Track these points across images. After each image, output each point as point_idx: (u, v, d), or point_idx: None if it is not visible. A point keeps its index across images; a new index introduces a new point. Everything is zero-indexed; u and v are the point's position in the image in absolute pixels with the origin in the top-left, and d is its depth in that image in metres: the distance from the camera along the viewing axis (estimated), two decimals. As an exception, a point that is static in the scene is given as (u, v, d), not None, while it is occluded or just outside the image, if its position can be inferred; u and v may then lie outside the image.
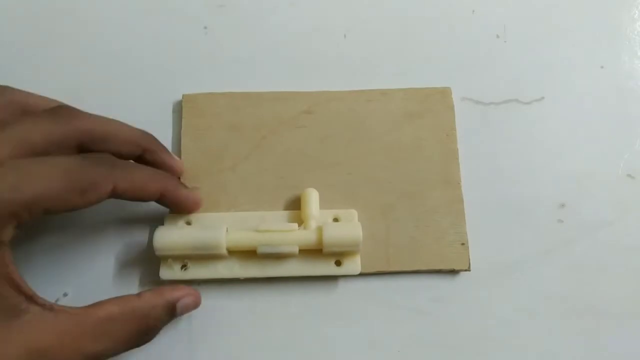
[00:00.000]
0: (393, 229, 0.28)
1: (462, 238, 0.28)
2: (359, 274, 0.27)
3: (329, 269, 0.27)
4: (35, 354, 0.19)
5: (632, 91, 0.32)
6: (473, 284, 0.28)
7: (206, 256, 0.26)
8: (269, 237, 0.26)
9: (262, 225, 0.26)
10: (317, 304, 0.27)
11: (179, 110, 0.30)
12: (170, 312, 0.24)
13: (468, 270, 0.28)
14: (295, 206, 0.28)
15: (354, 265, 0.27)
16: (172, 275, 0.26)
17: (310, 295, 0.27)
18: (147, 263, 0.27)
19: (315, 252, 0.26)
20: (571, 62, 0.32)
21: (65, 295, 0.27)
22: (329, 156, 0.29)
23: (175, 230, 0.26)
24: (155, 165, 0.26)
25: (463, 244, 0.28)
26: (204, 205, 0.28)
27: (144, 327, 0.23)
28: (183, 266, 0.26)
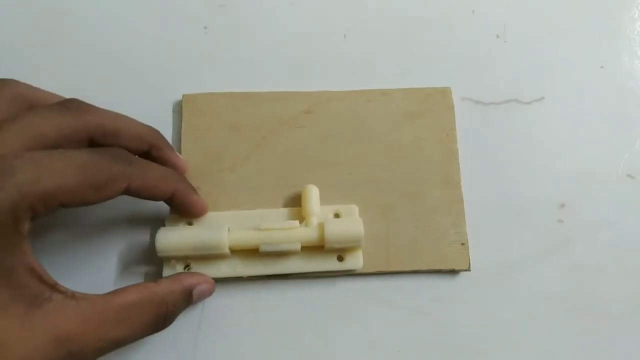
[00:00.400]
0: (393, 229, 0.28)
1: (462, 238, 0.28)
2: (359, 274, 0.27)
3: (331, 264, 0.27)
4: (60, 340, 0.20)
5: (632, 91, 0.32)
6: (473, 284, 0.28)
7: (209, 256, 0.26)
8: (270, 236, 0.26)
9: (263, 223, 0.26)
10: (316, 303, 0.27)
11: (179, 110, 0.30)
12: (187, 298, 0.24)
13: (468, 270, 0.28)
14: (295, 204, 0.28)
15: (356, 260, 0.27)
16: None
17: (311, 294, 0.27)
18: (150, 263, 0.27)
19: (317, 248, 0.26)
20: (571, 62, 0.32)
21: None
22: (329, 156, 0.29)
23: (178, 231, 0.26)
24: (161, 161, 0.26)
25: (463, 244, 0.28)
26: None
27: (163, 312, 0.23)
28: (186, 266, 0.26)
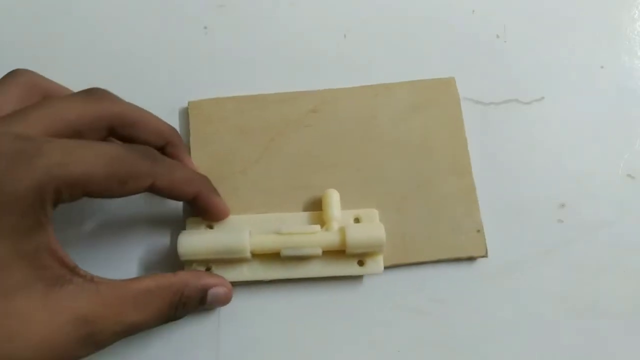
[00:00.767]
0: (408, 221, 0.28)
1: (477, 225, 0.28)
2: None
3: (352, 269, 0.27)
4: (80, 321, 0.20)
5: (632, 91, 0.32)
6: (473, 284, 0.28)
7: (230, 260, 0.26)
8: (292, 240, 0.26)
9: (284, 227, 0.26)
10: (316, 304, 0.27)
11: (184, 116, 0.30)
12: (202, 296, 0.24)
13: (485, 256, 0.28)
14: (310, 206, 0.28)
15: (377, 264, 0.27)
16: None
17: (312, 295, 0.27)
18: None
19: (338, 252, 0.26)
20: (571, 62, 0.32)
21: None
22: (338, 154, 0.29)
23: (199, 235, 0.26)
24: (173, 158, 0.26)
25: (479, 230, 0.28)
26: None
27: (176, 301, 0.23)
28: (207, 269, 0.26)
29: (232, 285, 0.26)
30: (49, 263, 0.20)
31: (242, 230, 0.26)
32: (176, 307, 0.23)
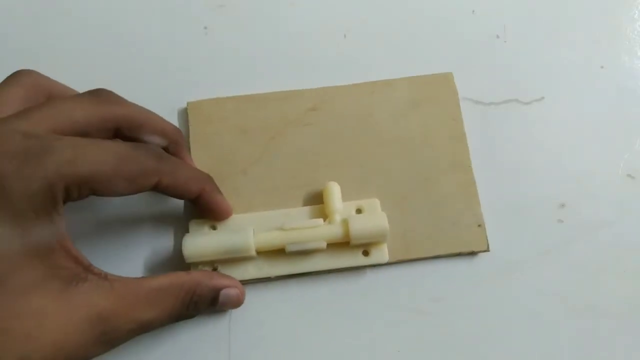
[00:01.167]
0: (409, 218, 0.28)
1: (478, 220, 0.28)
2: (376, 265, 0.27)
3: (357, 259, 0.27)
4: (95, 318, 0.20)
5: (632, 91, 0.32)
6: (473, 284, 0.28)
7: (235, 259, 0.26)
8: (296, 235, 0.26)
9: (287, 223, 0.26)
10: (317, 302, 0.27)
11: (184, 116, 0.30)
12: (214, 296, 0.24)
13: (487, 250, 0.28)
14: (311, 201, 0.28)
15: (382, 253, 0.27)
16: None
17: (312, 292, 0.27)
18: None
19: (342, 244, 0.26)
20: (571, 62, 0.32)
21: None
22: (338, 151, 0.29)
23: (203, 237, 0.26)
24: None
25: (480, 225, 0.28)
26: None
27: (188, 300, 0.23)
28: (213, 269, 0.26)
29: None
30: (63, 261, 0.20)
31: (246, 229, 0.26)
32: (188, 305, 0.23)
